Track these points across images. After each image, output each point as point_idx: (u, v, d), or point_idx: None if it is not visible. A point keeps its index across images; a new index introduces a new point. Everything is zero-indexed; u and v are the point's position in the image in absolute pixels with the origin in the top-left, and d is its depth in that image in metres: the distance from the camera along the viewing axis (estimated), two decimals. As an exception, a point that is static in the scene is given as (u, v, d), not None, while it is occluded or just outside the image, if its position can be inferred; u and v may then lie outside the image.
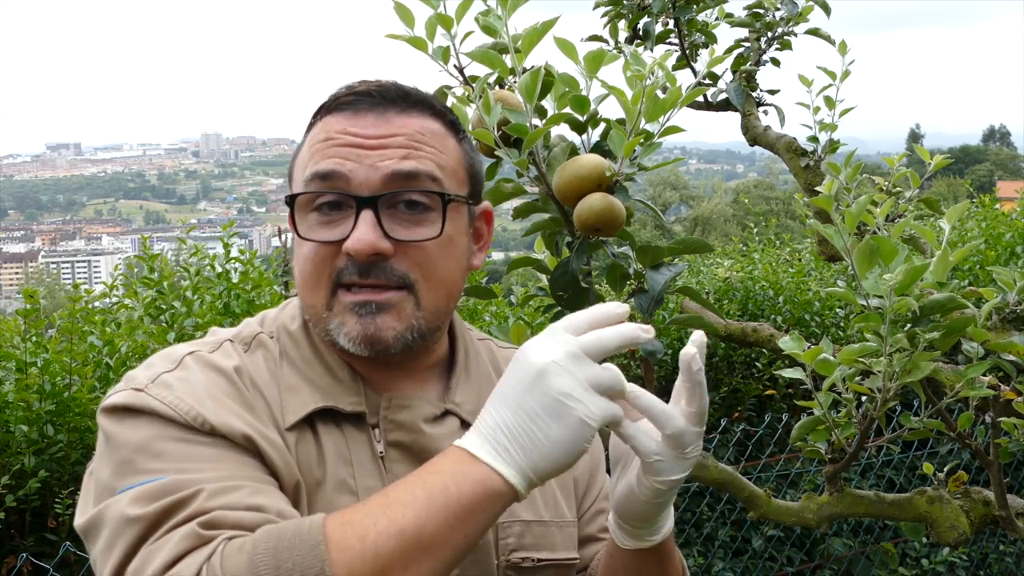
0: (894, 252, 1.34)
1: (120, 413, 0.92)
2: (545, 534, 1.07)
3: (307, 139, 1.02)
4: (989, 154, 54.57)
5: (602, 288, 1.79)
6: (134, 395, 0.92)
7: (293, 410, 0.97)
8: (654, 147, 1.45)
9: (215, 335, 1.05)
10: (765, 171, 49.71)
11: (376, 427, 0.99)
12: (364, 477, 0.96)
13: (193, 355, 0.98)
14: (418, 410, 1.01)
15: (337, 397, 0.99)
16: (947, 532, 1.73)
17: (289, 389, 0.98)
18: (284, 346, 1.02)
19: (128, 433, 0.90)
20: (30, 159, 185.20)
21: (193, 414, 0.90)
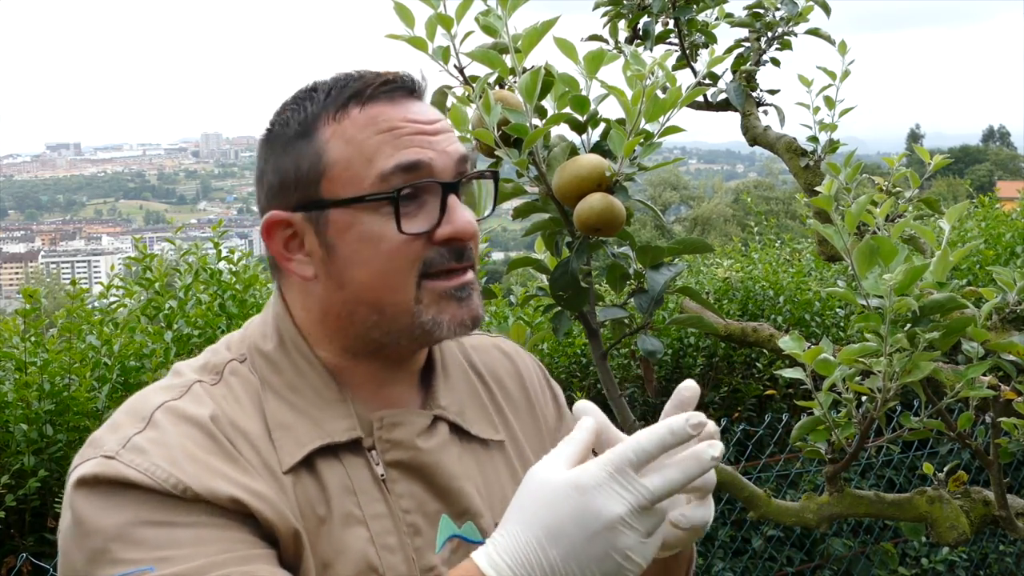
0: (894, 252, 1.34)
1: (91, 487, 0.85)
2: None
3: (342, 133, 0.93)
4: (989, 154, 54.57)
5: (602, 288, 1.79)
6: (105, 464, 0.85)
7: (288, 451, 0.91)
8: (654, 147, 1.45)
9: (180, 375, 0.96)
10: (765, 171, 49.72)
11: (372, 449, 0.95)
12: (370, 504, 0.93)
13: (163, 408, 0.90)
14: (411, 425, 0.97)
15: (330, 424, 0.94)
16: (947, 532, 1.73)
17: (280, 427, 0.92)
18: (262, 372, 0.96)
19: (101, 517, 0.83)
20: (30, 159, 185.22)
21: (173, 481, 0.84)
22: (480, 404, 1.06)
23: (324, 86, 0.96)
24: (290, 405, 0.94)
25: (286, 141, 0.95)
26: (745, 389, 3.51)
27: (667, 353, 3.38)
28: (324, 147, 0.93)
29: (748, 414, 3.53)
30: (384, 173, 0.92)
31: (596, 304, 1.60)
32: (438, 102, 1.57)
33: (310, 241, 0.94)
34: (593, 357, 1.66)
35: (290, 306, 0.99)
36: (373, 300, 0.94)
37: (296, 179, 0.94)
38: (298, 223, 0.94)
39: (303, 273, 0.95)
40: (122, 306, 2.95)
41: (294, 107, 0.96)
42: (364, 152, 0.92)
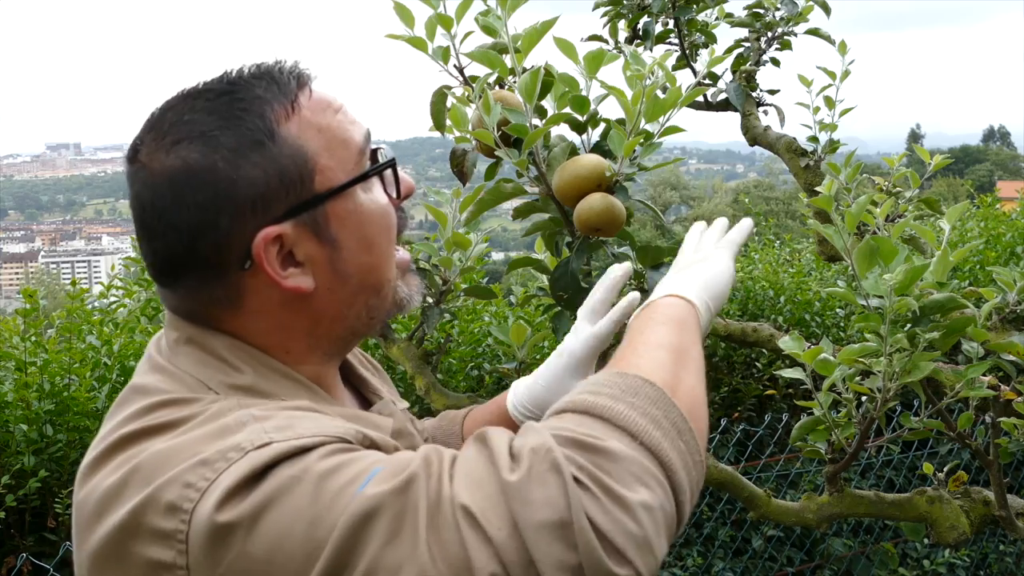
0: (894, 252, 1.34)
1: (253, 484, 0.70)
2: None
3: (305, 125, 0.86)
4: (989, 154, 54.57)
5: (602, 288, 1.78)
6: (262, 453, 0.71)
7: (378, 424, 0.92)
8: (654, 147, 1.45)
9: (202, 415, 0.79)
10: (765, 171, 49.72)
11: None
12: None
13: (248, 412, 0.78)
14: (397, 416, 0.98)
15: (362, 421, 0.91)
16: (947, 532, 1.73)
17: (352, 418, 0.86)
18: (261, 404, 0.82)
19: (286, 480, 0.70)
20: (30, 159, 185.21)
21: (352, 432, 0.76)
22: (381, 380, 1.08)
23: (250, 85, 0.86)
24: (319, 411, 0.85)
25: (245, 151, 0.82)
26: (745, 389, 3.51)
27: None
28: (299, 142, 0.85)
29: (748, 414, 3.53)
30: (360, 147, 0.89)
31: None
32: (438, 102, 1.57)
33: (305, 248, 0.86)
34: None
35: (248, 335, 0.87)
36: (375, 282, 0.91)
37: (283, 184, 0.83)
38: (290, 234, 0.84)
39: (304, 287, 0.86)
40: (122, 306, 2.95)
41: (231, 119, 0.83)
42: (336, 134, 0.88)
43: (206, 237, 0.83)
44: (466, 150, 1.54)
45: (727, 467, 1.84)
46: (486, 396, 2.86)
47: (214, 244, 0.83)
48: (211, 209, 0.82)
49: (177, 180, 0.82)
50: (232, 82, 0.86)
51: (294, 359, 0.89)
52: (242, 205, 0.82)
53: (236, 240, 0.83)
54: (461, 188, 1.69)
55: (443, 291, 1.82)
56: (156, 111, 0.88)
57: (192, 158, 0.82)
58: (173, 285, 0.87)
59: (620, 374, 0.80)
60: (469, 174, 1.56)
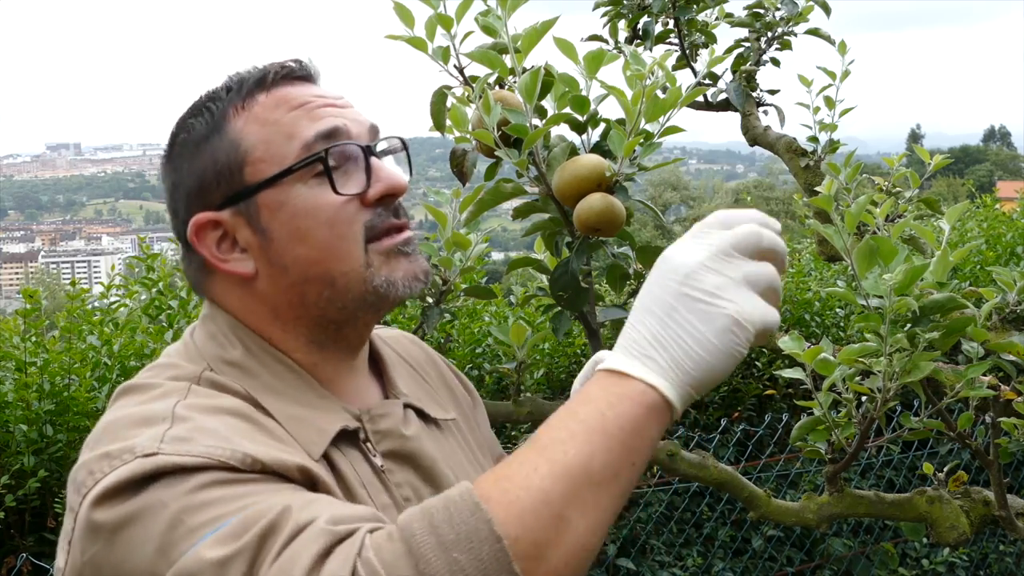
0: (894, 252, 1.34)
1: (135, 489, 0.75)
2: None
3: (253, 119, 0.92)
4: (989, 154, 54.58)
5: (602, 288, 1.79)
6: (145, 462, 0.76)
7: (311, 440, 0.88)
8: (654, 147, 1.45)
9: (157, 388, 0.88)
10: (765, 171, 49.73)
11: (366, 441, 0.95)
12: (377, 495, 0.92)
13: (181, 406, 0.83)
14: (394, 416, 0.98)
15: (332, 416, 0.92)
16: (947, 532, 1.73)
17: (291, 419, 0.89)
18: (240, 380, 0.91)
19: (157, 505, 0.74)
20: (30, 159, 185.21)
21: (239, 456, 0.77)
22: (424, 389, 1.08)
23: (222, 87, 0.96)
24: (292, 399, 0.91)
25: (195, 144, 0.94)
26: (745, 389, 3.50)
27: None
28: (239, 135, 0.92)
29: (748, 414, 3.53)
30: (307, 142, 0.92)
31: (596, 304, 1.60)
32: (438, 102, 1.57)
33: (243, 235, 0.93)
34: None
35: (237, 315, 0.95)
36: (321, 273, 0.92)
37: (216, 174, 0.92)
38: (226, 220, 0.93)
39: (243, 271, 0.93)
40: (122, 306, 2.95)
41: (196, 114, 0.95)
42: (281, 129, 0.92)
43: (176, 220, 0.96)
44: (466, 150, 1.54)
45: (727, 467, 1.84)
46: (486, 396, 2.86)
47: (179, 226, 0.96)
48: (173, 196, 0.96)
49: (163, 171, 0.99)
50: (216, 86, 0.97)
51: (278, 342, 0.95)
52: (188, 194, 0.94)
53: (187, 225, 0.94)
54: (461, 188, 1.69)
55: (443, 291, 1.82)
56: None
57: (167, 155, 0.98)
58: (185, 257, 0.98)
59: (475, 509, 0.69)
60: (469, 174, 1.56)
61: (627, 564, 3.00)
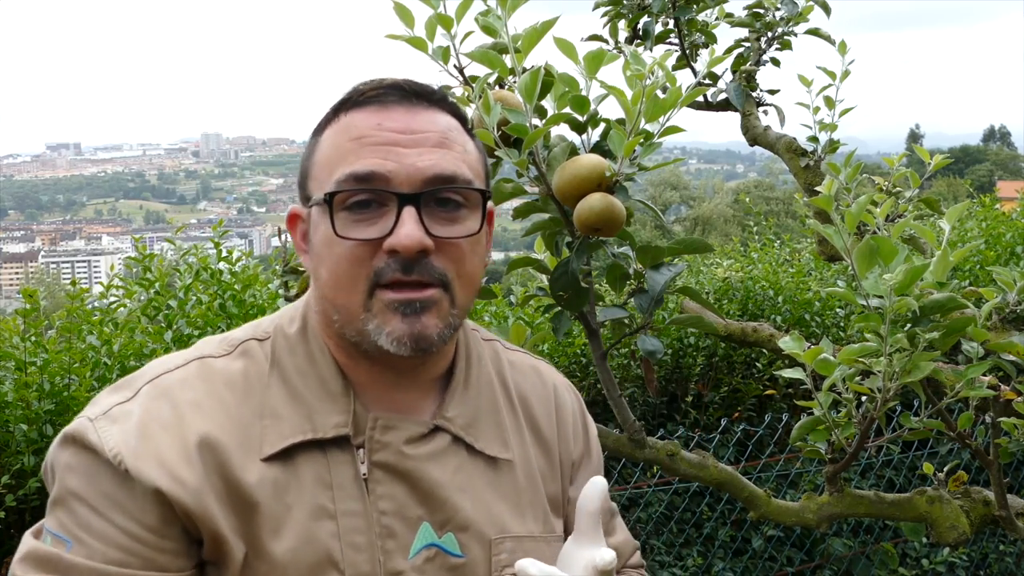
0: (894, 252, 1.34)
1: (66, 444, 0.94)
2: (535, 549, 1.03)
3: (329, 136, 0.98)
4: (989, 154, 54.59)
5: (602, 288, 1.79)
6: (83, 426, 0.93)
7: (271, 441, 0.94)
8: (654, 147, 1.45)
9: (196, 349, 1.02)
10: (765, 171, 49.73)
11: (361, 447, 0.96)
12: (345, 500, 0.94)
13: (153, 382, 0.96)
14: (403, 431, 0.98)
15: (322, 418, 0.96)
16: (947, 532, 1.73)
17: (272, 415, 0.96)
18: (278, 352, 1.00)
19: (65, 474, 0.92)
20: (30, 159, 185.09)
21: (115, 453, 0.90)
22: (497, 420, 1.05)
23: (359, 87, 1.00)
24: (291, 392, 0.97)
25: (312, 136, 1.02)
26: (745, 389, 3.51)
27: (667, 353, 3.37)
28: (317, 147, 0.99)
29: (748, 414, 3.53)
30: (339, 179, 0.94)
31: (596, 304, 1.60)
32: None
33: (310, 235, 1.00)
34: (593, 357, 1.66)
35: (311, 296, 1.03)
36: (331, 299, 0.97)
37: (303, 174, 1.01)
38: (303, 216, 1.01)
39: (306, 265, 1.01)
40: (122, 306, 2.95)
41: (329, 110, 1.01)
42: (335, 156, 0.96)
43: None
44: (466, 150, 1.54)
45: (727, 467, 1.84)
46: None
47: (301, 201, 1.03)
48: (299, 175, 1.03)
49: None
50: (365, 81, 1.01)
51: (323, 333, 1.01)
52: (297, 179, 1.03)
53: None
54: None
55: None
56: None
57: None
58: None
59: None
60: (469, 174, 1.55)
61: None
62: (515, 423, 1.08)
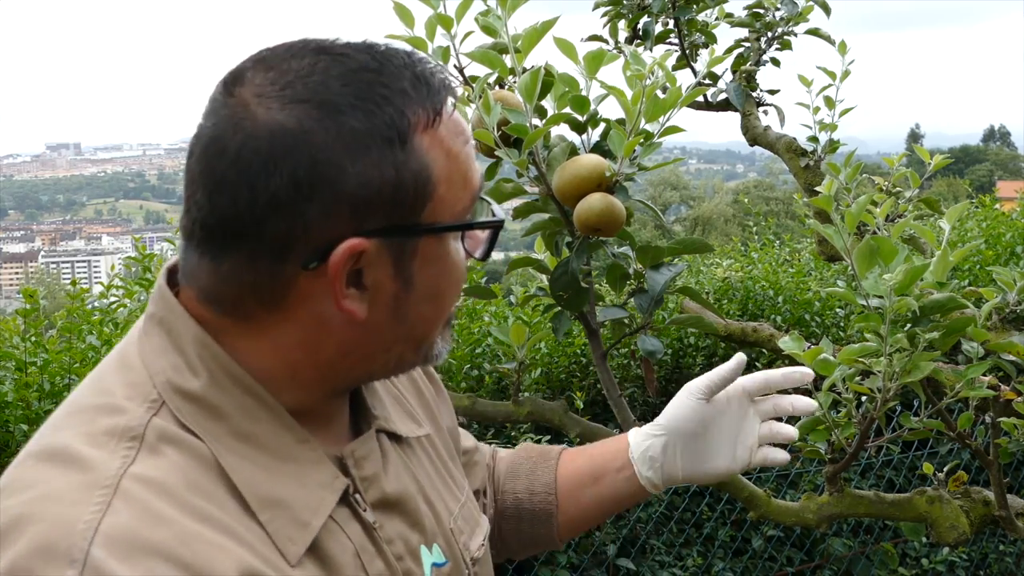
0: (894, 252, 1.34)
1: None
2: (469, 510, 0.96)
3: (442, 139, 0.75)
4: (989, 154, 54.60)
5: (602, 288, 1.79)
6: None
7: (290, 536, 0.72)
8: (654, 147, 1.45)
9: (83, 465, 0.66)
10: (765, 171, 49.73)
11: (356, 492, 0.80)
12: (371, 562, 0.78)
13: (97, 544, 0.62)
14: (374, 454, 0.83)
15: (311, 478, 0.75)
16: (947, 532, 1.73)
17: (266, 505, 0.71)
18: (195, 420, 0.71)
19: None
20: (30, 159, 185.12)
21: None
22: (393, 398, 0.93)
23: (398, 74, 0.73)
24: (259, 466, 0.72)
25: (368, 141, 0.71)
26: (745, 389, 3.50)
27: (667, 353, 3.37)
28: (427, 159, 0.73)
29: (748, 414, 3.53)
30: (474, 195, 0.78)
31: (596, 304, 1.60)
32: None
33: (378, 274, 0.74)
34: (593, 357, 1.66)
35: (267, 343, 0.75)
36: (422, 335, 0.80)
37: (393, 195, 0.72)
38: (372, 252, 0.72)
39: (356, 312, 0.74)
40: (122, 306, 2.95)
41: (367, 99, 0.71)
42: (459, 168, 0.76)
43: (284, 216, 0.70)
44: (466, 150, 1.54)
45: (727, 467, 1.84)
46: (486, 396, 2.86)
47: (289, 226, 0.70)
48: (304, 189, 0.69)
49: (281, 142, 0.69)
50: (382, 61, 0.73)
51: (285, 387, 0.77)
52: (341, 201, 0.70)
53: (315, 234, 0.70)
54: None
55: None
56: (278, 50, 0.74)
57: (308, 125, 0.69)
58: (218, 256, 0.72)
59: None
60: (469, 174, 1.55)
61: (627, 564, 3.00)
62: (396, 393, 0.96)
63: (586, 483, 1.11)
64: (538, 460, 1.14)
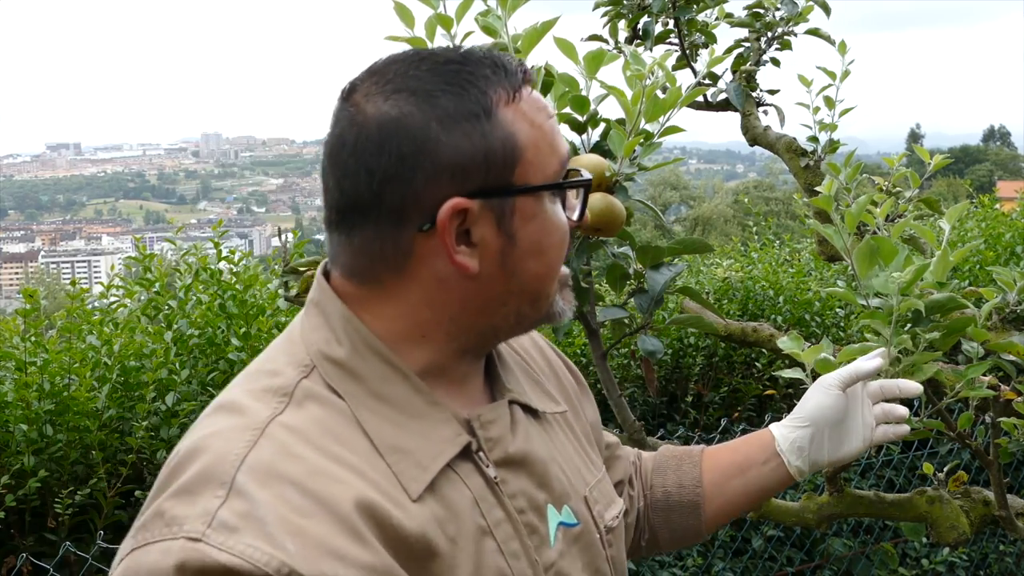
0: (894, 252, 1.34)
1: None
2: (603, 487, 1.05)
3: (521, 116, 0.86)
4: (989, 154, 54.59)
5: (602, 288, 1.79)
6: (191, 549, 0.73)
7: (412, 477, 0.83)
8: (654, 147, 1.45)
9: (243, 411, 0.83)
10: (765, 171, 49.73)
11: (479, 451, 0.89)
12: (490, 511, 0.87)
13: (245, 468, 0.77)
14: (499, 420, 0.92)
15: (437, 433, 0.86)
16: (947, 532, 1.73)
17: (393, 450, 0.83)
18: (339, 381, 0.85)
19: None
20: (30, 159, 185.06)
21: (275, 565, 0.72)
22: (532, 379, 1.03)
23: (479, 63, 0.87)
24: (389, 419, 0.85)
25: (456, 117, 0.84)
26: (745, 389, 3.51)
27: (667, 353, 3.37)
28: (512, 129, 0.85)
29: (748, 414, 3.53)
30: (563, 160, 0.89)
31: (596, 304, 1.60)
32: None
33: (483, 232, 0.85)
34: (593, 357, 1.66)
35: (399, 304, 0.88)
36: (535, 291, 0.90)
37: (486, 160, 0.84)
38: (475, 211, 0.84)
39: (469, 266, 0.85)
40: (122, 306, 2.95)
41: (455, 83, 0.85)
42: (545, 137, 0.88)
43: (396, 187, 0.83)
44: (466, 150, 1.54)
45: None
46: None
47: (401, 196, 0.83)
48: (410, 162, 0.83)
49: (387, 127, 0.83)
50: (464, 54, 0.87)
51: (417, 346, 0.89)
52: (441, 168, 0.83)
53: (424, 199, 0.83)
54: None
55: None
56: (380, 61, 0.89)
57: (407, 110, 0.83)
58: (350, 233, 0.87)
59: None
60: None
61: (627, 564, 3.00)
62: (536, 376, 1.06)
63: (732, 475, 1.22)
64: (683, 457, 1.25)
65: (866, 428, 1.22)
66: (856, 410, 1.23)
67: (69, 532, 2.32)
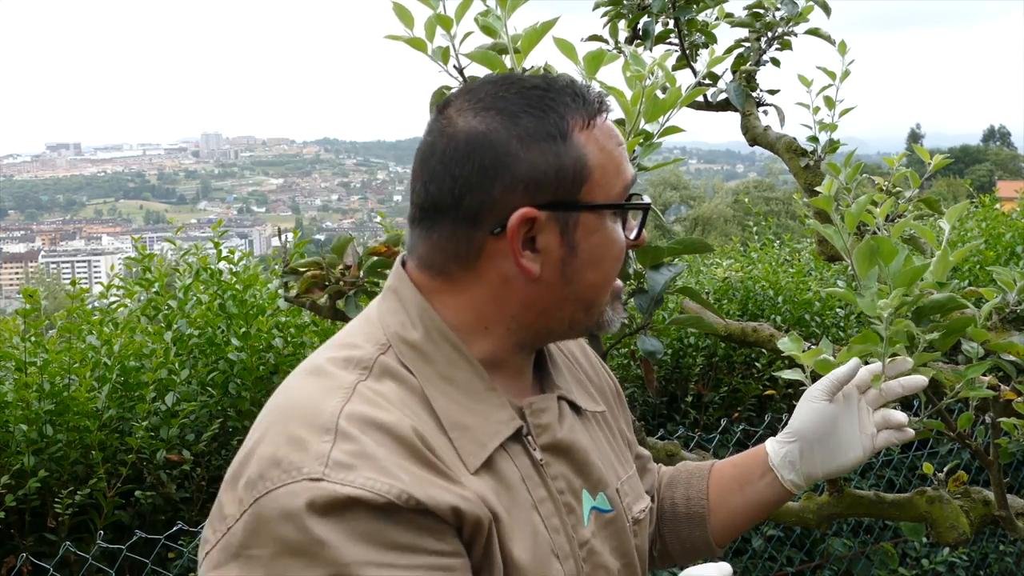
0: (894, 252, 1.34)
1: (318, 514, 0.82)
2: (633, 483, 1.15)
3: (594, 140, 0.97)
4: (989, 154, 54.59)
5: (602, 288, 1.78)
6: (317, 487, 0.82)
7: (471, 451, 0.93)
8: (654, 147, 1.45)
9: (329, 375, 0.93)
10: (765, 171, 49.74)
11: (528, 435, 0.99)
12: (535, 489, 0.98)
13: (344, 416, 0.88)
14: (549, 411, 1.02)
15: (494, 416, 0.97)
16: (947, 532, 1.73)
17: (456, 427, 0.93)
18: (412, 361, 0.96)
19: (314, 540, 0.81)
20: (30, 159, 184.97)
21: (395, 492, 0.83)
22: (577, 380, 1.13)
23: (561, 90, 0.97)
24: (453, 399, 0.95)
25: (535, 137, 0.95)
26: (745, 389, 3.51)
27: (667, 353, 3.38)
28: (584, 151, 0.96)
29: (748, 414, 3.53)
30: (627, 184, 0.99)
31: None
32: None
33: (547, 240, 0.96)
34: (593, 357, 1.66)
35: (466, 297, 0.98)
36: (590, 299, 1.00)
37: (557, 177, 0.95)
38: (541, 221, 0.95)
39: (531, 269, 0.96)
40: (122, 306, 2.95)
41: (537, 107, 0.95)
42: (613, 162, 0.98)
43: (475, 194, 0.94)
44: (466, 150, 1.54)
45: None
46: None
47: (479, 201, 0.94)
48: (490, 173, 0.94)
49: (473, 139, 0.94)
50: (548, 82, 0.98)
51: (479, 335, 0.99)
52: (517, 180, 0.94)
53: (498, 206, 0.94)
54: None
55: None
56: (475, 82, 1.01)
57: (493, 127, 0.94)
58: (430, 229, 0.97)
59: None
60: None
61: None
62: (581, 377, 1.16)
63: (733, 490, 1.27)
64: (693, 471, 1.32)
65: (864, 436, 1.23)
66: (851, 418, 1.24)
67: (69, 532, 2.32)
